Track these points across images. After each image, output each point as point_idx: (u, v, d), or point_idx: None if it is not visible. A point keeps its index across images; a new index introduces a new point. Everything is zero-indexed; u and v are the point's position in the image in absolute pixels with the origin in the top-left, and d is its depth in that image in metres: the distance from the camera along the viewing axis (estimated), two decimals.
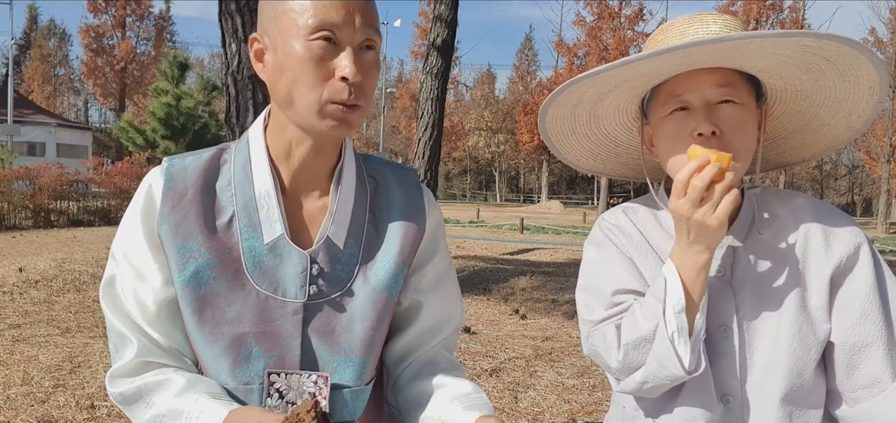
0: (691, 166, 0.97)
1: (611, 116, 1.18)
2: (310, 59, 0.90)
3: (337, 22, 0.90)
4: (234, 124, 4.32)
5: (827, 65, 1.01)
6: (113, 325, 0.99)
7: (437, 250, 1.11)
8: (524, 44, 56.65)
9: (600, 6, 34.38)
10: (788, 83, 1.09)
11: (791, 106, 1.14)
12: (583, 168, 1.31)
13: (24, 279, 6.57)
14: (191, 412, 0.92)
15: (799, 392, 1.06)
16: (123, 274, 0.98)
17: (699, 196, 0.96)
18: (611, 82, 1.07)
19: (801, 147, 1.21)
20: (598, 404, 3.62)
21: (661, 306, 1.02)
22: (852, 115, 1.10)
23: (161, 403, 0.95)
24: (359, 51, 0.93)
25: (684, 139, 1.04)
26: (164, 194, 0.97)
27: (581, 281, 1.20)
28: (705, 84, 1.03)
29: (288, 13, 0.92)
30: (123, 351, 0.97)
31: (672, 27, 1.09)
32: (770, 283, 1.08)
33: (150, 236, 0.98)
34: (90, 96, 56.93)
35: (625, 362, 1.07)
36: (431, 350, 1.11)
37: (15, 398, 3.40)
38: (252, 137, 1.02)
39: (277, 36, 0.93)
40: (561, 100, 1.11)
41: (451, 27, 6.87)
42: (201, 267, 0.96)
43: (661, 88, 1.08)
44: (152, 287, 0.97)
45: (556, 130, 1.20)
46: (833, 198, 51.40)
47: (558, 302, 6.64)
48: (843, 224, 1.10)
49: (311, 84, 0.91)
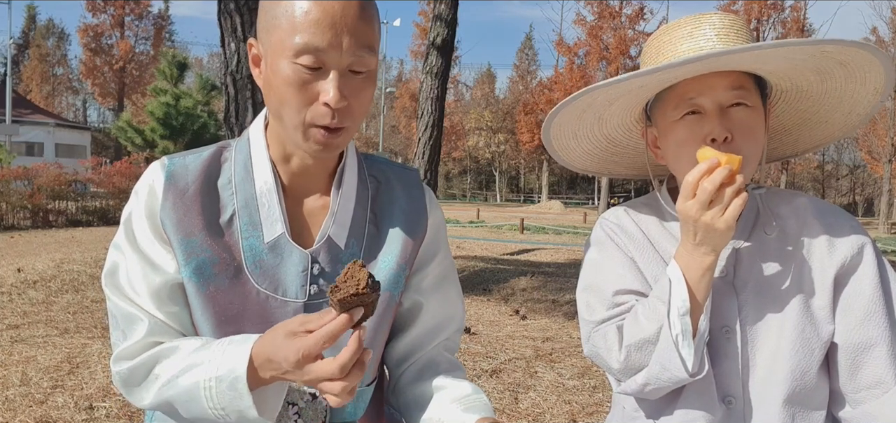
0: (701, 168, 0.96)
1: (615, 119, 1.17)
2: (294, 81, 0.88)
3: (322, 46, 0.86)
4: (234, 124, 4.31)
5: (838, 68, 1.01)
6: (120, 308, 0.96)
7: (438, 251, 1.10)
8: (524, 43, 56.73)
9: (601, 5, 34.39)
10: (795, 84, 1.08)
11: (792, 105, 1.13)
12: (578, 168, 1.30)
13: (22, 280, 6.56)
14: (210, 358, 0.88)
15: (802, 394, 1.06)
16: (131, 261, 0.96)
17: (708, 199, 0.95)
18: (624, 89, 1.06)
19: (796, 142, 1.21)
20: (598, 405, 3.62)
21: (664, 308, 1.01)
22: (852, 113, 1.10)
23: (171, 367, 0.91)
24: (346, 73, 0.89)
25: (696, 144, 1.03)
26: (165, 191, 0.96)
27: (582, 281, 1.19)
28: (718, 88, 1.02)
29: (277, 31, 0.89)
30: (132, 332, 0.94)
31: (678, 28, 1.08)
32: (773, 284, 1.07)
33: (154, 228, 0.96)
34: (89, 96, 56.93)
35: (626, 363, 1.07)
36: (432, 351, 1.10)
37: (13, 399, 3.38)
38: (253, 136, 1.02)
39: (268, 50, 0.91)
40: (572, 107, 1.10)
41: (450, 27, 6.86)
42: (204, 263, 0.95)
43: (671, 91, 1.07)
44: (163, 272, 0.95)
45: (559, 133, 1.20)
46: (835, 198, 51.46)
47: (559, 303, 6.63)
48: (847, 224, 1.09)
49: (296, 106, 0.89)
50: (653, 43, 1.12)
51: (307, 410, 0.98)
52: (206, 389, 0.87)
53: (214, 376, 0.87)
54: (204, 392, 0.87)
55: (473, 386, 1.05)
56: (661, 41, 1.10)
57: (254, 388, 0.86)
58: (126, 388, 0.96)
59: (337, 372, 0.80)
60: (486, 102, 55.19)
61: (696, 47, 1.04)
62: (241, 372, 0.85)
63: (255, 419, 0.86)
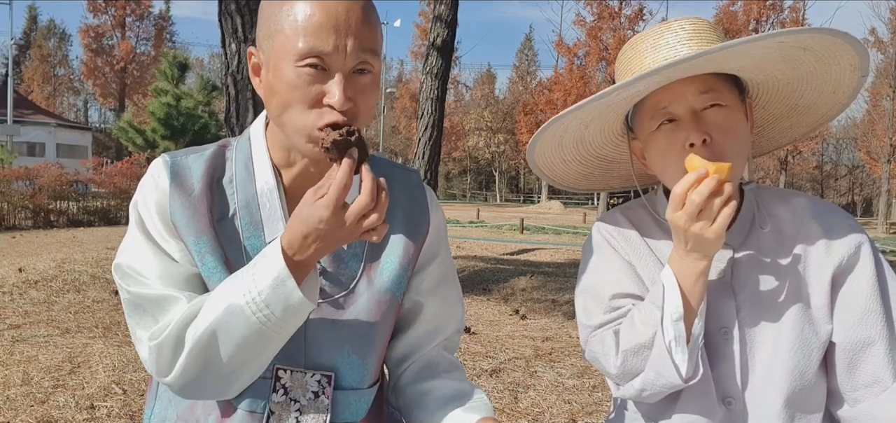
0: (689, 179, 0.96)
1: (597, 138, 1.18)
2: (298, 85, 0.87)
3: (327, 49, 0.86)
4: (234, 124, 4.32)
5: (803, 53, 1.00)
6: (144, 296, 0.93)
7: (439, 252, 1.10)
8: (524, 44, 56.74)
9: (600, 6, 34.35)
10: (769, 76, 1.08)
11: (776, 94, 1.13)
12: (578, 189, 1.31)
13: (23, 280, 6.56)
14: (241, 276, 0.89)
15: (800, 394, 1.06)
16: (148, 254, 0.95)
17: (697, 210, 0.95)
18: (594, 111, 1.07)
19: (791, 129, 1.21)
20: (598, 404, 3.62)
21: (659, 313, 1.01)
22: (837, 92, 1.09)
23: (205, 315, 0.89)
24: (352, 75, 0.89)
25: (677, 150, 1.03)
26: (171, 191, 0.96)
27: (579, 284, 1.19)
28: (688, 93, 1.03)
29: (279, 35, 0.89)
30: (167, 311, 0.92)
31: (642, 40, 1.09)
32: (771, 284, 1.07)
33: (165, 223, 0.96)
34: (90, 96, 56.94)
35: (623, 368, 1.07)
36: (432, 351, 1.10)
37: (15, 399, 3.39)
38: (253, 135, 1.02)
39: (270, 55, 0.91)
40: (546, 137, 1.12)
41: (451, 27, 6.87)
42: (216, 264, 0.95)
43: (644, 103, 1.08)
44: (180, 262, 0.95)
45: (544, 162, 1.21)
46: (833, 198, 51.38)
47: (558, 302, 6.64)
48: (844, 223, 1.09)
49: (301, 110, 0.88)
50: (621, 58, 1.13)
51: (309, 407, 0.98)
52: (246, 293, 0.87)
53: (252, 276, 0.87)
54: (244, 300, 0.87)
55: (474, 386, 1.05)
56: (627, 56, 1.11)
57: (295, 273, 0.87)
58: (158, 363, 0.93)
59: (368, 200, 0.84)
60: (486, 102, 55.15)
61: (660, 58, 1.05)
62: (279, 258, 0.86)
63: (299, 301, 0.86)
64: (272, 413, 0.97)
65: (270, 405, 0.97)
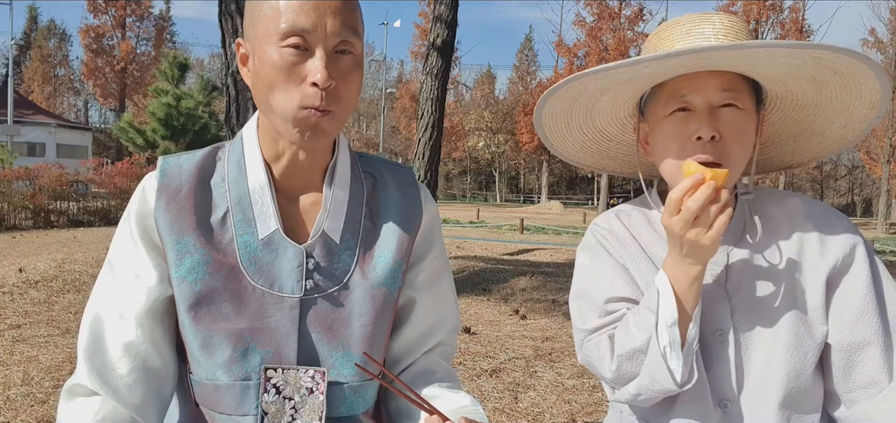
0: (685, 185, 0.95)
1: (607, 112, 1.17)
2: (282, 65, 0.90)
3: (307, 26, 0.89)
4: (234, 124, 4.32)
5: (832, 77, 1.00)
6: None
7: (432, 247, 1.10)
8: (524, 44, 56.60)
9: (600, 7, 34.38)
10: (790, 91, 1.07)
11: (788, 114, 1.12)
12: (573, 161, 1.29)
13: (23, 280, 6.57)
14: None
15: (797, 395, 1.06)
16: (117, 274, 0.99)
17: (692, 217, 0.94)
18: (615, 79, 1.05)
19: (792, 154, 1.20)
20: (598, 404, 3.62)
21: (654, 318, 1.01)
22: (848, 127, 1.09)
23: None
24: (333, 54, 0.91)
25: (683, 141, 1.02)
26: (158, 192, 0.98)
27: (574, 288, 1.19)
28: (711, 87, 1.02)
29: (262, 20, 0.92)
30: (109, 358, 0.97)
31: (677, 25, 1.07)
32: (766, 286, 1.07)
33: (143, 235, 0.98)
34: (90, 97, 56.89)
35: (618, 373, 1.07)
36: (428, 359, 1.10)
37: (15, 399, 3.40)
38: (246, 135, 1.03)
39: (255, 42, 0.93)
40: (562, 93, 1.09)
41: (451, 27, 6.86)
42: (197, 263, 0.96)
43: (663, 87, 1.06)
44: (147, 285, 0.97)
45: (550, 121, 1.19)
46: (833, 198, 51.40)
47: (558, 302, 6.64)
48: (839, 224, 1.09)
49: (285, 90, 0.91)
50: (652, 39, 1.11)
51: (303, 404, 0.98)
52: None
53: None
54: None
55: (469, 397, 1.04)
56: (660, 37, 1.09)
57: None
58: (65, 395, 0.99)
59: None
60: (486, 102, 55.12)
61: (692, 46, 1.03)
62: None
63: None
64: (266, 414, 0.97)
65: (262, 405, 0.97)
